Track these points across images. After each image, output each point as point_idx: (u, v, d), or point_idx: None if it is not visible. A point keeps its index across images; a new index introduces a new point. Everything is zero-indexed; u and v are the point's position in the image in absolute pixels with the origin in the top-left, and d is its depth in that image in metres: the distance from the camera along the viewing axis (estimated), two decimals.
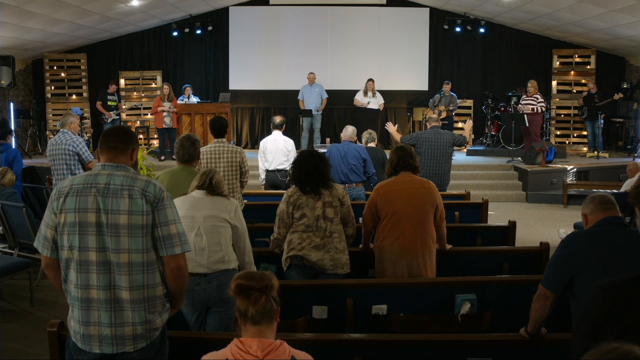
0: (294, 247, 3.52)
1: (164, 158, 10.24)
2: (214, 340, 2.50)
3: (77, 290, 2.24)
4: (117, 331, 2.22)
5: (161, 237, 2.25)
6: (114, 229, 2.20)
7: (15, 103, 11.03)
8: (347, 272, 3.57)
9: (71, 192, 2.25)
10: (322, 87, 11.18)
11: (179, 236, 2.28)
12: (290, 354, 1.86)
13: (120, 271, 2.22)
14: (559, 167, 9.53)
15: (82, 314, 2.24)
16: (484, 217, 5.48)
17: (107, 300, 2.22)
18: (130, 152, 2.38)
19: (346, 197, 3.63)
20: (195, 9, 11.54)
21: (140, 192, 2.23)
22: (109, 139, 2.35)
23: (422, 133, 6.11)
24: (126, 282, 2.22)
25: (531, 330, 2.51)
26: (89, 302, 2.23)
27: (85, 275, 2.23)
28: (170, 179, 3.88)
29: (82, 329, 2.24)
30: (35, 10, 8.49)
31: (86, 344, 2.24)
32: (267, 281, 1.90)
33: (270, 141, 6.39)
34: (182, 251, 2.29)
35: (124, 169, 2.31)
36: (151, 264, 2.26)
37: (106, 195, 2.22)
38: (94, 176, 2.27)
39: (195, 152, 4.00)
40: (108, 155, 2.33)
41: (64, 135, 5.61)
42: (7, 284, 5.21)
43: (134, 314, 2.23)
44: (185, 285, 2.41)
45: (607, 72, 11.70)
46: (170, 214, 2.28)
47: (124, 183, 2.24)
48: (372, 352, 2.63)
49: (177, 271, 2.31)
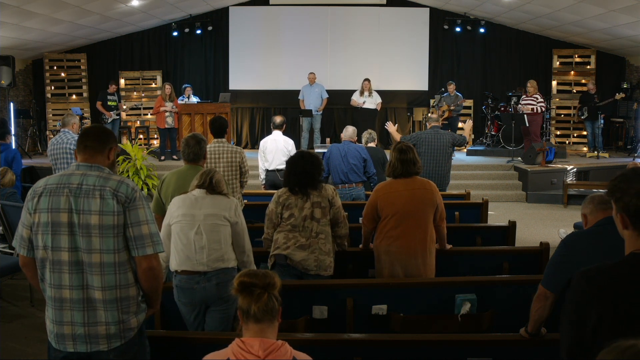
0: (279, 246, 3.54)
1: (164, 158, 10.24)
2: (215, 340, 2.50)
3: (51, 289, 2.25)
4: (90, 330, 2.23)
5: (133, 237, 2.25)
6: (85, 229, 2.21)
7: (15, 103, 11.03)
8: (329, 274, 3.57)
9: (45, 192, 2.25)
10: (323, 87, 11.18)
11: (151, 236, 2.27)
12: (291, 354, 1.86)
13: (92, 271, 2.22)
14: (559, 167, 9.54)
15: (55, 314, 2.25)
16: (484, 217, 5.48)
17: (80, 300, 2.22)
18: (108, 151, 2.38)
19: (336, 198, 3.63)
20: (195, 9, 11.54)
21: (111, 192, 2.23)
22: (86, 139, 2.35)
23: (422, 133, 6.11)
24: (98, 282, 2.22)
25: (531, 330, 2.51)
26: (62, 302, 2.24)
27: (58, 275, 2.23)
28: (178, 179, 3.88)
29: (55, 328, 2.25)
30: (35, 10, 8.49)
31: (60, 343, 2.25)
32: (269, 279, 1.90)
33: (270, 141, 6.40)
34: (154, 252, 2.28)
35: (99, 169, 2.31)
36: (123, 265, 2.26)
37: (78, 196, 2.22)
38: (67, 176, 2.28)
39: (201, 151, 4.00)
40: (84, 155, 2.33)
41: (65, 135, 5.62)
42: (7, 284, 5.21)
43: (106, 313, 2.23)
44: (159, 285, 2.40)
45: (607, 72, 11.70)
46: (143, 214, 2.27)
47: (96, 183, 2.24)
48: (372, 352, 2.63)
49: (149, 272, 2.30)
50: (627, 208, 1.72)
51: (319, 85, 11.16)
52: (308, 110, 10.80)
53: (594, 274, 1.74)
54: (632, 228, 1.74)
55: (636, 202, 1.71)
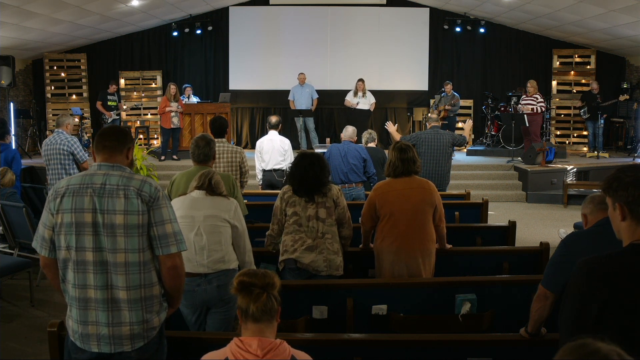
0: (287, 250, 3.52)
1: (164, 158, 10.23)
2: (214, 340, 2.50)
3: (75, 290, 2.24)
4: (114, 331, 2.23)
5: (157, 237, 2.25)
6: (110, 229, 2.21)
7: (15, 103, 11.03)
8: (340, 274, 3.56)
9: (67, 193, 2.25)
10: (313, 87, 11.17)
11: (175, 235, 2.28)
12: (290, 353, 1.86)
13: (117, 271, 2.22)
14: (559, 167, 9.54)
15: (80, 314, 2.24)
16: (484, 217, 5.48)
17: (105, 300, 2.22)
18: (126, 151, 2.38)
19: (341, 198, 3.60)
20: (195, 9, 11.54)
21: (135, 191, 2.23)
22: (104, 139, 2.35)
23: (422, 133, 6.11)
24: (123, 282, 2.22)
25: (531, 330, 2.51)
26: (87, 302, 2.23)
27: (82, 275, 2.23)
28: (187, 180, 3.87)
29: (80, 328, 2.25)
30: (35, 10, 8.49)
31: (85, 343, 2.24)
32: (269, 279, 1.90)
33: (266, 141, 6.39)
34: (178, 250, 2.29)
35: (120, 168, 2.31)
36: (147, 264, 2.26)
37: (102, 196, 2.22)
38: (90, 176, 2.27)
39: (210, 152, 4.00)
40: (104, 155, 2.33)
41: (58, 135, 5.62)
42: (7, 284, 5.21)
43: (131, 313, 2.23)
44: (182, 284, 2.40)
45: (607, 72, 11.70)
46: (166, 213, 2.27)
47: (120, 183, 2.24)
48: (372, 352, 2.63)
49: (173, 270, 2.30)
50: (625, 197, 1.75)
51: (309, 85, 11.15)
52: (307, 110, 10.80)
53: (594, 265, 1.75)
54: (630, 217, 1.75)
55: (633, 190, 1.73)
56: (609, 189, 1.81)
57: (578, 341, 1.23)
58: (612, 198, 1.80)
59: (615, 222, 1.82)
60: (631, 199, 1.75)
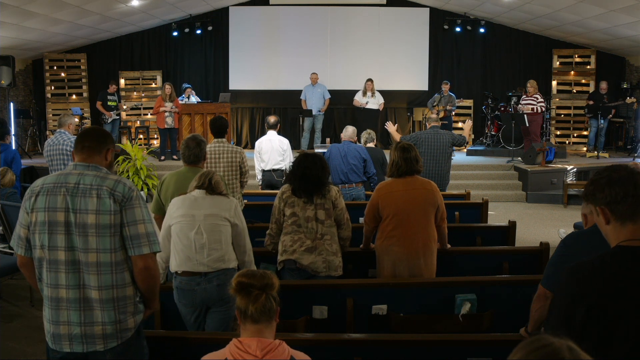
0: (286, 250, 3.52)
1: (164, 158, 10.23)
2: (214, 340, 2.50)
3: (48, 289, 2.25)
4: (86, 330, 2.22)
5: (129, 237, 2.24)
6: (82, 228, 2.20)
7: (15, 103, 11.03)
8: (339, 274, 3.56)
9: (42, 191, 2.25)
10: (325, 87, 11.18)
11: (148, 236, 2.26)
12: (289, 353, 1.86)
13: (89, 270, 2.22)
14: (559, 167, 9.53)
15: (52, 313, 2.25)
16: (484, 217, 5.48)
17: (77, 299, 2.22)
18: (105, 152, 2.38)
19: (339, 199, 3.60)
20: (195, 9, 11.54)
21: (108, 191, 2.22)
22: (84, 139, 2.36)
23: (422, 133, 6.11)
24: (95, 282, 2.22)
25: (531, 330, 2.51)
26: (59, 302, 2.24)
27: (54, 275, 2.23)
28: (177, 180, 3.87)
29: (52, 328, 2.25)
30: (35, 10, 8.49)
31: (56, 343, 2.25)
32: (267, 280, 1.90)
33: (265, 141, 6.39)
34: (151, 251, 2.27)
35: (96, 168, 2.31)
36: (120, 264, 2.25)
37: (75, 195, 2.22)
38: (65, 175, 2.28)
39: (201, 153, 3.99)
40: (82, 155, 2.34)
41: (61, 136, 5.62)
42: (7, 284, 5.21)
43: (103, 313, 2.23)
44: (155, 285, 2.39)
45: (607, 72, 11.69)
46: (139, 214, 2.26)
47: (93, 183, 2.24)
48: (372, 352, 2.63)
49: (145, 271, 2.29)
50: (603, 198, 1.73)
51: (321, 85, 11.16)
52: (308, 110, 10.80)
53: (580, 269, 1.74)
54: (614, 219, 1.73)
55: (609, 190, 1.72)
56: (587, 196, 1.80)
57: (532, 337, 1.23)
58: (592, 204, 1.78)
59: (602, 227, 1.80)
60: (609, 199, 1.72)
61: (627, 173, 1.73)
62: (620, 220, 1.72)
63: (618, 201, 1.70)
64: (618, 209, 1.72)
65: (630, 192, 1.70)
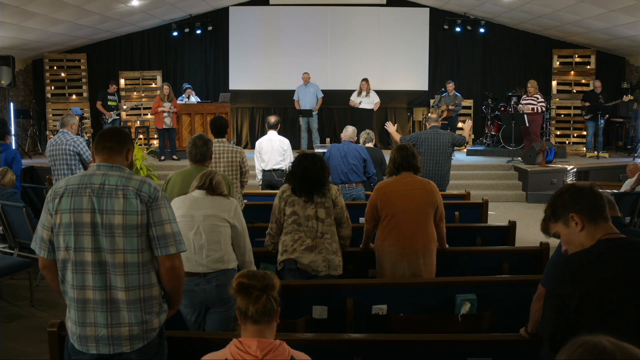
0: (286, 249, 3.52)
1: (163, 158, 10.23)
2: (214, 340, 2.50)
3: (74, 291, 2.23)
4: (113, 332, 2.22)
5: (156, 237, 2.24)
6: (108, 229, 2.20)
7: (15, 103, 11.03)
8: (339, 273, 3.57)
9: (66, 193, 2.24)
10: (318, 86, 11.18)
11: (174, 236, 2.27)
12: (289, 354, 1.86)
13: (116, 272, 2.21)
14: (559, 167, 9.54)
15: (78, 315, 2.23)
16: (484, 217, 5.48)
17: (103, 300, 2.21)
18: (126, 152, 2.38)
19: (339, 198, 3.61)
20: (195, 9, 11.54)
21: (134, 192, 2.22)
22: (104, 140, 2.35)
23: (422, 133, 6.11)
24: (122, 283, 2.21)
25: (531, 330, 2.51)
26: (85, 303, 2.22)
27: (81, 276, 2.22)
28: (183, 179, 3.87)
29: (78, 329, 2.24)
30: (35, 10, 8.50)
31: (83, 345, 2.24)
32: (268, 280, 1.90)
33: (265, 141, 6.39)
34: (177, 251, 2.28)
35: (119, 169, 2.30)
36: (146, 264, 2.26)
37: (101, 196, 2.21)
38: (89, 176, 2.27)
39: (207, 152, 4.00)
40: (103, 155, 2.33)
41: (64, 135, 5.62)
42: (7, 284, 5.21)
43: (130, 314, 2.23)
44: (181, 285, 2.39)
45: (607, 72, 11.70)
46: (165, 214, 2.26)
47: (119, 183, 2.23)
48: (372, 352, 2.63)
49: (171, 271, 2.29)
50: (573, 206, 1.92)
51: (314, 85, 11.15)
52: (308, 110, 10.80)
53: (569, 263, 1.90)
54: (588, 222, 1.91)
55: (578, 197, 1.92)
56: (556, 213, 1.96)
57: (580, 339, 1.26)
58: (563, 217, 1.95)
59: (575, 237, 1.94)
60: (580, 206, 1.91)
61: (584, 186, 1.97)
62: (594, 221, 1.92)
63: (590, 206, 1.92)
64: (590, 212, 1.91)
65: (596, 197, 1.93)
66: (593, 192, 1.95)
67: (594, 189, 1.97)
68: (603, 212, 1.93)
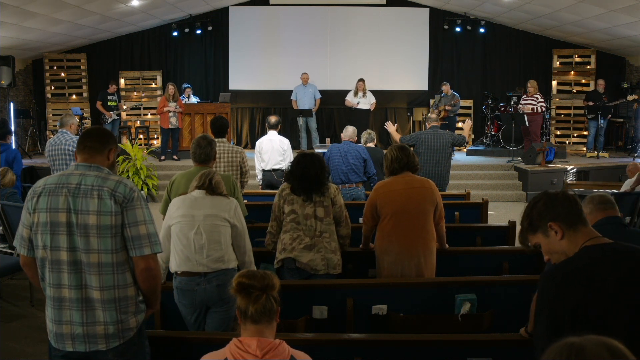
0: (285, 248, 3.52)
1: (164, 158, 10.23)
2: (214, 340, 2.50)
3: (50, 289, 2.26)
4: (88, 330, 2.24)
5: (130, 238, 2.25)
6: (83, 229, 2.21)
7: (15, 103, 11.03)
8: (338, 272, 3.57)
9: (44, 192, 2.26)
10: (316, 87, 11.18)
11: (149, 237, 2.27)
12: (289, 353, 1.86)
13: (91, 271, 2.23)
14: (559, 167, 9.53)
15: (54, 313, 2.26)
16: (484, 217, 5.47)
17: (79, 299, 2.23)
18: (107, 152, 2.38)
19: (338, 197, 3.61)
20: (195, 9, 11.54)
21: (109, 192, 2.23)
22: (86, 139, 2.36)
23: (422, 133, 6.11)
24: (96, 282, 2.23)
25: (531, 330, 2.51)
26: (61, 301, 2.25)
27: (57, 275, 2.24)
28: (188, 180, 3.86)
29: (55, 327, 2.26)
30: (35, 10, 8.50)
31: (59, 343, 2.26)
32: (268, 280, 1.90)
33: (266, 141, 6.39)
34: (152, 252, 2.28)
35: (98, 169, 2.31)
36: (121, 265, 2.26)
37: (77, 196, 2.22)
38: (66, 176, 2.28)
39: (211, 153, 3.99)
40: (83, 155, 2.34)
41: (63, 135, 5.62)
42: (7, 284, 5.21)
43: (105, 313, 2.24)
44: (157, 286, 2.39)
45: (607, 72, 11.69)
46: (141, 215, 2.26)
47: (95, 183, 2.24)
48: (372, 352, 2.63)
49: (146, 272, 2.30)
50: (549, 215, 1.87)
51: (312, 85, 11.15)
52: (308, 110, 10.80)
53: (555, 275, 1.80)
54: (567, 229, 1.85)
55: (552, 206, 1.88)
56: (533, 225, 1.92)
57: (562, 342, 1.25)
58: (541, 227, 1.90)
59: (556, 245, 1.88)
60: (555, 213, 1.87)
61: (559, 192, 1.93)
62: (573, 227, 1.85)
63: (567, 212, 1.86)
64: (568, 218, 1.85)
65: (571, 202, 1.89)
66: (567, 198, 1.91)
67: (568, 194, 1.93)
68: (580, 216, 1.89)
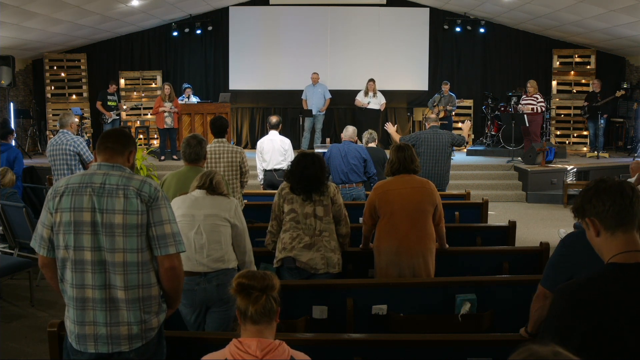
0: (285, 247, 3.52)
1: (163, 158, 10.24)
2: (214, 340, 2.50)
3: (73, 289, 2.24)
4: (112, 331, 2.22)
5: (155, 237, 2.25)
6: (109, 228, 2.20)
7: (15, 103, 11.03)
8: (338, 271, 3.57)
9: (67, 192, 2.25)
10: (326, 87, 11.19)
11: (174, 236, 2.27)
12: (289, 354, 1.86)
13: (115, 271, 2.22)
14: (559, 167, 9.54)
15: (77, 314, 2.24)
16: (484, 217, 5.47)
17: (103, 299, 2.22)
18: (127, 154, 2.39)
19: (337, 196, 3.61)
20: (195, 9, 11.54)
21: (135, 191, 2.23)
22: (107, 140, 2.36)
23: (421, 133, 6.12)
24: (121, 282, 2.22)
25: (531, 330, 2.51)
26: (85, 302, 2.23)
27: (80, 275, 2.22)
28: (178, 180, 3.87)
29: (77, 328, 2.24)
30: (35, 10, 8.49)
31: (81, 344, 2.24)
32: (268, 281, 1.90)
33: (267, 141, 6.39)
34: (177, 251, 2.28)
35: (120, 168, 2.31)
36: (146, 264, 2.26)
37: (101, 195, 2.22)
38: (89, 175, 2.27)
39: (202, 152, 4.00)
40: (105, 155, 2.34)
41: (64, 135, 5.61)
42: (7, 284, 5.21)
43: (129, 313, 2.23)
44: (180, 285, 2.40)
45: (607, 72, 11.70)
46: (165, 214, 2.27)
47: (119, 183, 2.24)
48: (372, 352, 2.63)
49: (171, 271, 2.30)
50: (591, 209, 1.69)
51: (322, 85, 11.16)
52: (308, 110, 10.81)
53: (575, 290, 1.67)
54: (604, 229, 1.69)
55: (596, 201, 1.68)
56: (577, 210, 1.75)
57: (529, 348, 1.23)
58: (581, 217, 1.74)
59: (593, 242, 1.75)
60: (597, 209, 1.68)
61: (614, 183, 1.70)
62: (610, 229, 1.68)
63: (606, 210, 1.66)
64: (606, 218, 1.67)
65: (617, 201, 1.66)
66: (619, 193, 1.66)
67: (624, 188, 1.67)
68: (624, 219, 1.65)
